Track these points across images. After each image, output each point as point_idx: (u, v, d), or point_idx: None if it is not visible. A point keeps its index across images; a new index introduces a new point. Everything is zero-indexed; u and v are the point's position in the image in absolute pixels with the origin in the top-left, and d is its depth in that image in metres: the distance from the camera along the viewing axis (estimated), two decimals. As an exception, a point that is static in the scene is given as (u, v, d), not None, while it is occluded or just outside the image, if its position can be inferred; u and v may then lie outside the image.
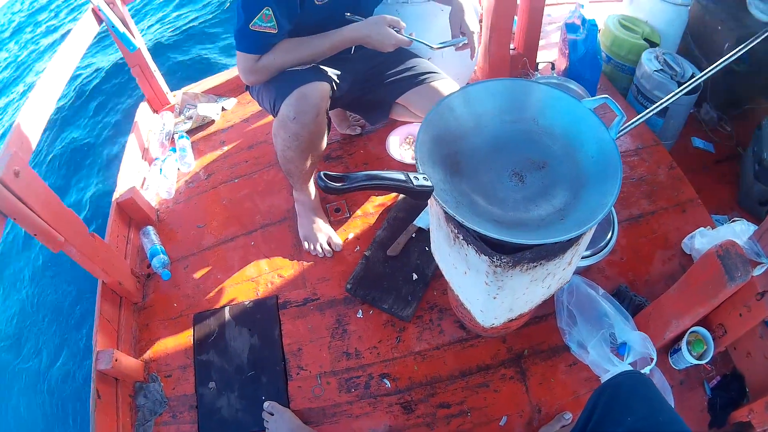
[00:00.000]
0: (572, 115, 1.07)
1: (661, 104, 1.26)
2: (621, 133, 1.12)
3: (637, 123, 1.24)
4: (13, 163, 1.30)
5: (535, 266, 0.97)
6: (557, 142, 1.08)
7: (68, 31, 1.85)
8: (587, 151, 1.04)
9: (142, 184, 2.18)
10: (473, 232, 0.95)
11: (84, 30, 1.90)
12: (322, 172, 0.84)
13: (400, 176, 0.89)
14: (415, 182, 0.89)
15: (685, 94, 1.72)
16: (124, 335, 1.76)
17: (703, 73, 1.33)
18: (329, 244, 1.83)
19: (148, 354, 1.76)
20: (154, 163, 2.25)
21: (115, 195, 2.00)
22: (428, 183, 0.91)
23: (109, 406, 1.58)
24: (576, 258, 1.11)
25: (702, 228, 1.64)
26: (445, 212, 0.96)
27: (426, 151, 1.02)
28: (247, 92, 1.76)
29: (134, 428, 1.64)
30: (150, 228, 2.00)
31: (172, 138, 2.35)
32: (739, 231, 1.52)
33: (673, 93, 1.29)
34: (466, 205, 0.99)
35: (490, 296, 1.09)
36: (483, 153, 1.08)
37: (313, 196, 1.86)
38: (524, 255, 0.93)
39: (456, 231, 1.00)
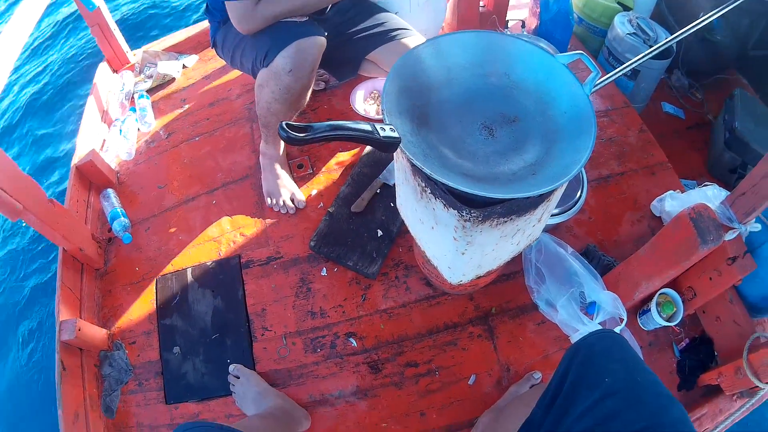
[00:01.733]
0: (546, 70, 1.07)
1: (636, 61, 1.27)
2: (594, 89, 1.14)
3: (611, 79, 1.25)
4: None
5: (506, 221, 0.99)
6: (529, 97, 1.08)
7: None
8: (560, 106, 1.05)
9: (102, 147, 2.18)
10: (441, 185, 0.96)
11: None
12: (283, 122, 0.84)
13: (366, 127, 0.90)
14: (381, 133, 0.90)
15: (658, 59, 1.77)
16: (87, 303, 1.78)
17: (677, 33, 1.33)
18: (292, 201, 1.84)
19: (112, 321, 1.79)
20: (114, 125, 2.24)
21: (74, 159, 2.00)
22: (395, 134, 0.92)
23: (74, 377, 1.61)
24: (546, 214, 1.13)
25: (672, 191, 1.67)
26: (413, 165, 0.97)
27: (393, 102, 1.02)
28: (211, 49, 1.77)
29: (101, 398, 1.67)
30: (110, 191, 2.01)
31: (132, 98, 2.33)
32: (711, 195, 1.55)
33: (647, 52, 1.30)
34: (434, 157, 0.99)
35: (458, 252, 1.11)
36: (452, 106, 1.09)
37: (281, 151, 1.87)
38: (494, 209, 0.95)
39: (423, 184, 1.01)
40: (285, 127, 0.83)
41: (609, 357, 0.82)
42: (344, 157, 1.97)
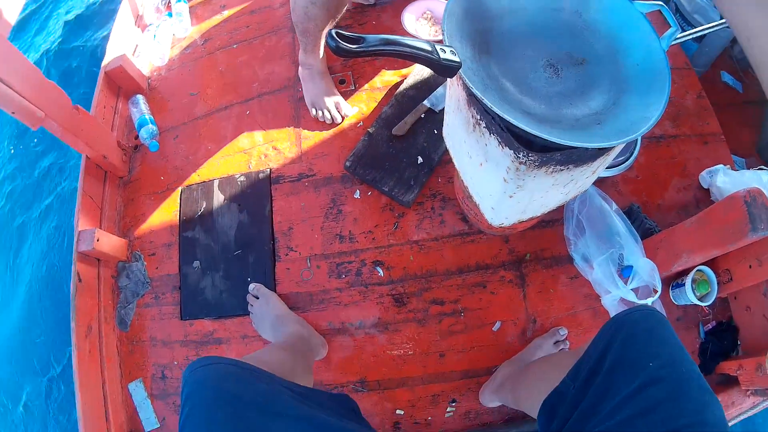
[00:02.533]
0: (621, 16, 1.00)
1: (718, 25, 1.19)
2: (672, 42, 1.07)
3: (691, 36, 1.18)
4: None
5: (562, 170, 0.93)
6: (600, 41, 1.01)
7: None
8: (633, 56, 0.97)
9: (134, 52, 2.14)
10: (499, 121, 0.90)
11: None
12: (333, 30, 0.77)
13: (425, 46, 0.83)
14: (441, 54, 0.83)
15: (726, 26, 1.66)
16: (108, 212, 1.77)
17: None
18: (338, 110, 1.79)
19: (133, 231, 1.79)
20: (148, 29, 2.19)
21: (104, 63, 1.96)
22: (456, 58, 0.85)
23: (90, 290, 1.63)
24: (602, 167, 1.07)
25: (724, 165, 1.59)
26: (469, 94, 0.91)
27: (455, 24, 0.95)
28: None
29: (116, 311, 1.68)
30: (139, 97, 1.97)
31: (169, 3, 2.28)
32: (766, 181, 1.48)
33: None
34: (494, 89, 0.92)
35: (505, 194, 1.06)
36: (517, 37, 1.01)
37: (322, 60, 1.80)
38: (554, 156, 0.89)
39: (478, 117, 0.95)
40: (334, 35, 0.76)
41: (653, 338, 0.78)
42: (389, 76, 1.88)
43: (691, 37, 1.19)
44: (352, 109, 1.80)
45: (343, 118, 1.80)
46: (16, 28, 2.65)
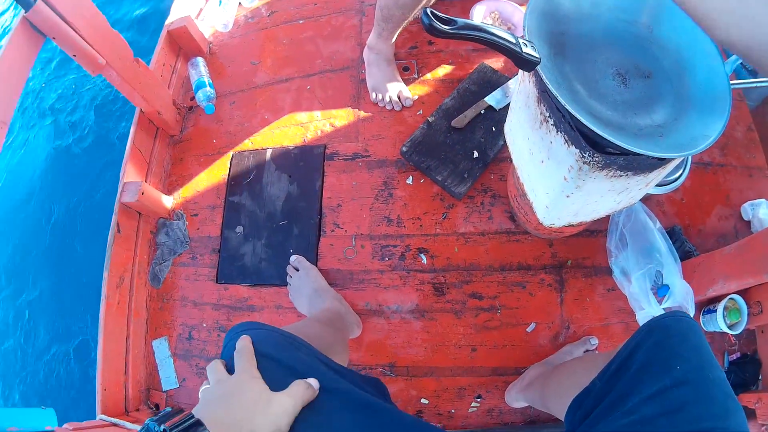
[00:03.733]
0: (689, 36, 1.04)
1: None
2: (739, 86, 1.13)
3: (751, 85, 1.24)
4: None
5: (621, 176, 0.98)
6: (667, 57, 1.06)
7: None
8: (697, 76, 1.02)
9: (198, 15, 2.21)
10: (569, 119, 0.95)
11: None
12: (428, 8, 0.81)
13: (511, 37, 0.88)
14: (523, 48, 0.89)
15: None
16: (155, 168, 1.85)
17: None
18: (399, 97, 1.85)
19: (178, 190, 1.86)
20: (215, -6, 2.28)
21: (168, 22, 2.04)
22: (536, 53, 0.91)
23: (127, 241, 1.69)
24: (655, 182, 1.11)
25: (767, 200, 1.65)
26: (540, 91, 0.97)
27: (535, 22, 1.01)
28: None
29: (150, 266, 1.75)
30: (200, 59, 2.05)
31: (239, -30, 2.38)
32: None
33: None
34: (565, 89, 0.97)
35: (563, 193, 1.11)
36: (590, 42, 1.07)
37: (392, 51, 1.86)
38: (617, 159, 0.94)
39: (548, 114, 1.00)
40: (429, 14, 0.81)
41: (684, 342, 0.81)
42: (452, 70, 1.94)
43: (754, 85, 1.26)
44: (413, 99, 1.86)
45: (403, 107, 1.86)
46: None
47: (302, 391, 0.75)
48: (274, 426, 0.70)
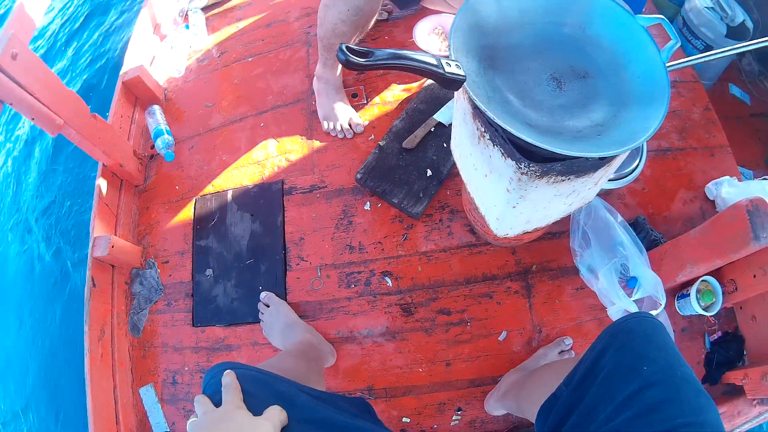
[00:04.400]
0: (624, 30, 1.06)
1: (720, 53, 1.24)
2: (675, 66, 1.12)
3: (689, 63, 1.24)
4: (12, 46, 1.34)
5: (563, 180, 0.99)
6: (603, 55, 1.07)
7: None
8: (634, 69, 1.03)
9: (151, 62, 2.24)
10: (502, 132, 0.96)
11: None
12: (343, 45, 0.83)
13: (431, 60, 0.90)
14: (446, 68, 0.90)
15: (732, 39, 1.80)
16: (123, 219, 1.87)
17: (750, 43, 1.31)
18: (350, 125, 1.87)
19: (147, 239, 1.88)
20: (165, 41, 2.29)
21: (122, 74, 2.06)
22: (460, 71, 0.92)
23: (103, 294, 1.70)
24: (604, 179, 1.12)
25: (729, 177, 1.66)
26: (474, 107, 0.98)
27: (461, 38, 1.01)
28: None
29: (129, 316, 1.76)
30: (156, 107, 2.07)
31: (186, 15, 2.38)
32: None
33: (740, 45, 1.25)
34: (497, 102, 0.98)
35: (509, 205, 1.12)
36: (522, 51, 1.08)
37: (339, 78, 1.89)
38: (554, 166, 0.94)
39: (483, 129, 1.01)
40: (345, 49, 0.83)
41: (648, 343, 0.82)
42: (400, 91, 1.97)
43: (696, 62, 1.27)
44: (363, 125, 1.89)
45: (355, 134, 1.88)
46: (36, 36, 2.79)
47: (277, 414, 0.80)
48: None
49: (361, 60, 0.85)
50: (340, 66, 1.85)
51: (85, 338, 1.62)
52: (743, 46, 1.26)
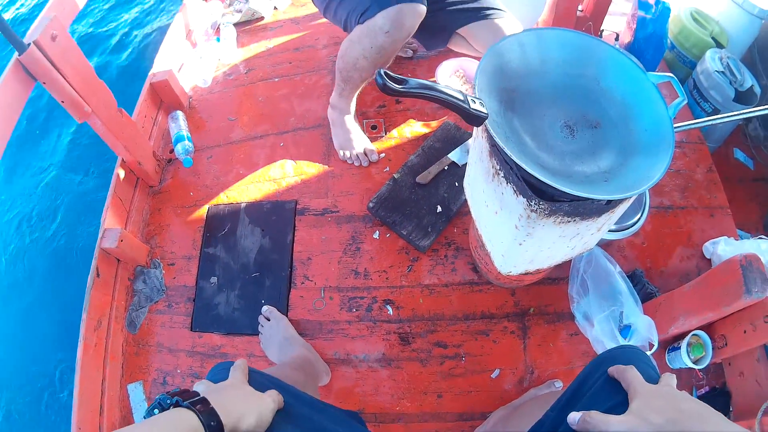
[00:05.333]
0: (635, 85, 1.11)
1: (735, 116, 1.30)
2: (682, 128, 1.18)
3: (696, 126, 1.30)
4: (52, 27, 1.38)
5: (569, 222, 1.03)
6: (614, 107, 1.13)
7: None
8: (642, 122, 1.09)
9: (179, 69, 2.29)
10: (516, 171, 1.01)
11: None
12: (382, 69, 0.88)
13: (459, 95, 0.95)
14: (471, 104, 0.95)
15: (740, 103, 1.85)
16: (134, 217, 1.89)
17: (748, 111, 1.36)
18: (366, 152, 1.93)
19: (155, 239, 1.90)
20: (195, 50, 2.35)
21: (150, 75, 2.10)
22: (484, 109, 0.97)
23: (106, 286, 1.72)
24: (607, 226, 1.16)
25: (727, 237, 1.71)
26: (491, 145, 1.03)
27: (486, 80, 1.07)
28: None
29: (127, 311, 1.77)
30: (179, 113, 2.12)
31: (218, 28, 2.45)
32: (764, 249, 1.60)
33: (747, 110, 1.31)
34: (514, 142, 1.03)
35: (516, 241, 1.16)
36: (540, 97, 1.14)
37: (353, 109, 1.94)
38: (562, 206, 0.99)
39: (498, 167, 1.06)
40: (383, 74, 0.88)
41: (632, 363, 0.83)
42: (418, 127, 2.03)
43: (702, 125, 1.33)
44: (379, 156, 1.94)
45: (370, 164, 1.93)
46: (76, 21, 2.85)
47: (276, 395, 0.84)
48: (262, 418, 0.78)
49: (397, 86, 0.89)
50: (354, 97, 1.91)
51: (81, 325, 1.62)
52: (747, 112, 1.33)
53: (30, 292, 2.81)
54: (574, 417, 0.78)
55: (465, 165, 1.82)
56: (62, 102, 1.51)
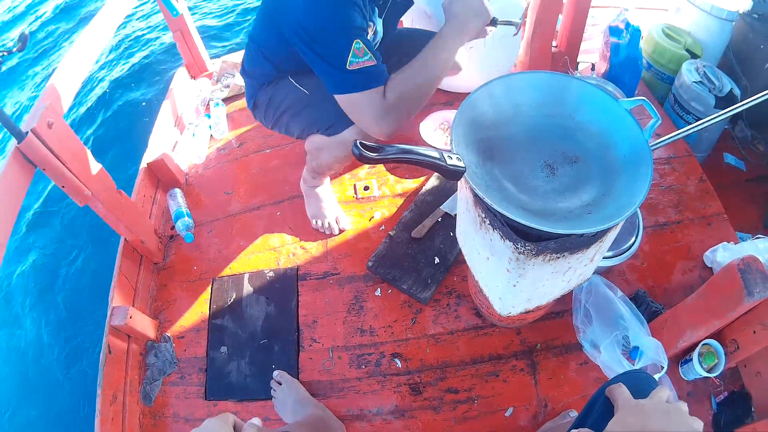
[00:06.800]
0: (609, 114, 1.14)
1: (703, 124, 1.34)
2: (658, 145, 1.19)
3: (673, 139, 1.33)
4: (48, 115, 1.44)
5: (558, 258, 1.05)
6: (592, 139, 1.15)
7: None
8: (620, 150, 1.11)
9: (174, 148, 2.36)
10: (500, 217, 1.03)
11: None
12: (357, 141, 0.92)
13: (435, 154, 0.98)
14: (448, 161, 0.98)
15: (722, 108, 1.82)
16: (141, 293, 1.92)
17: (741, 103, 1.39)
18: (337, 223, 1.98)
19: (163, 314, 1.93)
20: (187, 128, 2.42)
21: (146, 156, 2.17)
22: (461, 164, 1.00)
23: (118, 362, 1.73)
24: (599, 255, 1.18)
25: (725, 242, 1.72)
26: (474, 195, 1.05)
27: (462, 133, 1.10)
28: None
29: (141, 386, 1.78)
30: (177, 190, 2.17)
31: (208, 104, 2.52)
32: (762, 248, 1.62)
33: (717, 115, 1.31)
34: (495, 189, 1.07)
35: (510, 284, 1.18)
36: (518, 142, 1.17)
37: (327, 182, 2.00)
38: (548, 245, 1.01)
39: (483, 215, 1.08)
40: (359, 145, 0.92)
41: (637, 393, 0.85)
42: (410, 183, 2.09)
43: (678, 137, 1.34)
44: (350, 223, 2.00)
45: (341, 231, 1.99)
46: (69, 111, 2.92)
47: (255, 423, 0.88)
48: None
49: (373, 155, 0.93)
50: (327, 177, 1.97)
51: (97, 401, 1.63)
52: (719, 116, 1.34)
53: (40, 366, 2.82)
54: None
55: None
56: (63, 187, 1.56)
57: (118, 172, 3.31)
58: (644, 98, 1.15)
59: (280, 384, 1.68)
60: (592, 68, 2.39)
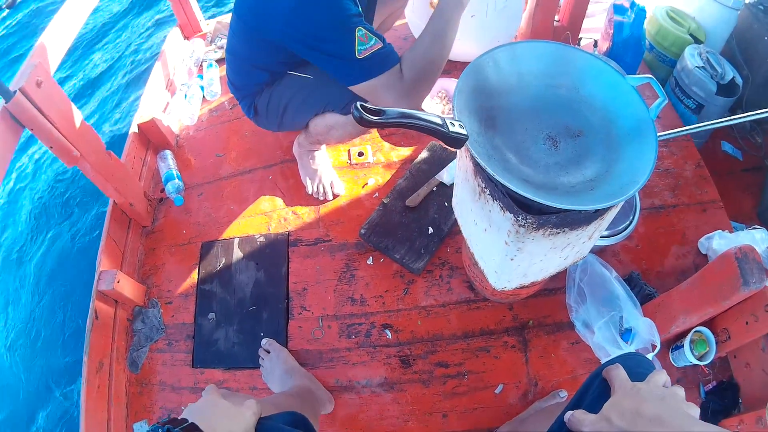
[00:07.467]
0: (614, 89, 1.10)
1: (712, 125, 1.29)
2: (664, 137, 1.17)
3: (679, 134, 1.29)
4: (36, 74, 1.38)
5: (558, 233, 1.02)
6: (596, 114, 1.11)
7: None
8: (624, 126, 1.07)
9: (165, 109, 2.28)
10: (501, 188, 0.99)
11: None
12: (358, 103, 0.87)
13: (437, 119, 0.93)
14: (450, 128, 0.93)
15: (723, 96, 1.84)
16: (129, 258, 1.88)
17: (752, 113, 1.35)
18: (331, 188, 1.93)
19: (152, 279, 1.89)
20: (180, 89, 2.35)
21: (137, 117, 2.10)
22: (464, 131, 0.95)
23: (105, 328, 1.70)
24: (597, 233, 1.15)
25: (721, 230, 1.69)
26: (475, 164, 1.02)
27: (464, 100, 1.06)
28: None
29: (128, 352, 1.76)
30: (168, 152, 2.11)
31: (201, 65, 2.45)
32: (759, 239, 1.60)
33: (725, 119, 1.30)
34: (497, 160, 1.03)
35: (507, 257, 1.14)
36: (520, 112, 1.12)
37: (322, 147, 1.96)
38: (549, 219, 0.97)
39: (483, 185, 1.04)
40: (360, 107, 0.87)
41: (634, 375, 0.84)
42: (405, 151, 2.03)
43: (683, 132, 1.32)
44: (344, 188, 1.95)
45: (335, 196, 1.93)
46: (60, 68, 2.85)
47: (254, 404, 0.86)
48: (247, 428, 0.82)
49: (374, 118, 0.88)
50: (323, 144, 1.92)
51: (83, 368, 1.61)
52: (735, 119, 1.32)
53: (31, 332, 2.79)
54: (566, 416, 0.80)
55: (453, 185, 1.82)
56: (51, 148, 1.51)
57: (108, 133, 3.28)
58: (651, 77, 1.12)
59: (269, 352, 1.65)
60: (594, 45, 2.32)
